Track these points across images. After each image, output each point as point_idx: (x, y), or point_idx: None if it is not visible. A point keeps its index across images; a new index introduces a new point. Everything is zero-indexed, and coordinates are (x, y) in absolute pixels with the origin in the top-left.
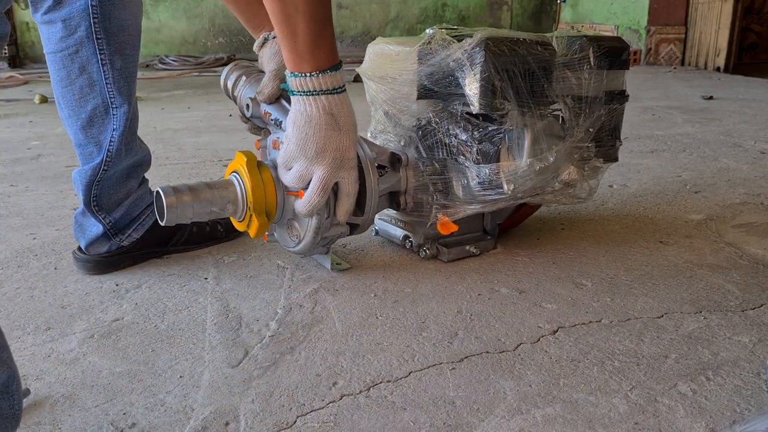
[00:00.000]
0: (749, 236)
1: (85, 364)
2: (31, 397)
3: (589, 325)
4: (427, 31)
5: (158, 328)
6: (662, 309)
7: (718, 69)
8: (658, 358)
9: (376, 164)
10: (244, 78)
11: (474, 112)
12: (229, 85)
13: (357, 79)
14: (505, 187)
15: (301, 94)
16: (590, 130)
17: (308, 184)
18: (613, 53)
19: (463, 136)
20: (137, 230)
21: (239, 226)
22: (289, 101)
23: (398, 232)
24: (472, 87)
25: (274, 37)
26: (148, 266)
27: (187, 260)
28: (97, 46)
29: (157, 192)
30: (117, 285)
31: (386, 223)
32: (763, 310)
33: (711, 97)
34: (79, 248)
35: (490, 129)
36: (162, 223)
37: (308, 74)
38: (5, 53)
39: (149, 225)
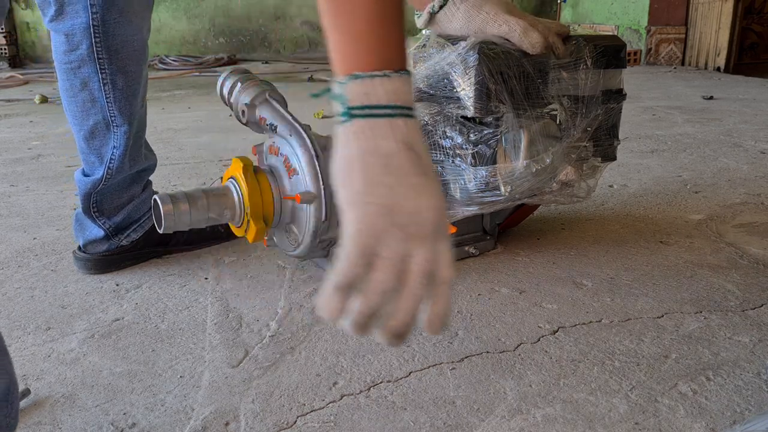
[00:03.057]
0: (749, 236)
1: (85, 364)
2: (31, 397)
3: (590, 325)
4: (424, 31)
5: (158, 328)
6: (662, 309)
7: (718, 69)
8: (658, 358)
9: None
10: (239, 84)
11: (469, 116)
12: (225, 91)
13: None
14: (502, 188)
15: (366, 115)
16: (587, 129)
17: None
18: (610, 52)
19: (459, 139)
20: (136, 231)
21: (237, 232)
22: (281, 103)
23: None
24: (466, 90)
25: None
26: (149, 266)
27: (188, 260)
28: (99, 66)
29: (155, 200)
30: (117, 285)
31: None
32: (763, 310)
33: (711, 97)
34: (79, 247)
35: (485, 132)
36: (160, 231)
37: (375, 73)
38: (5, 53)
39: (149, 226)
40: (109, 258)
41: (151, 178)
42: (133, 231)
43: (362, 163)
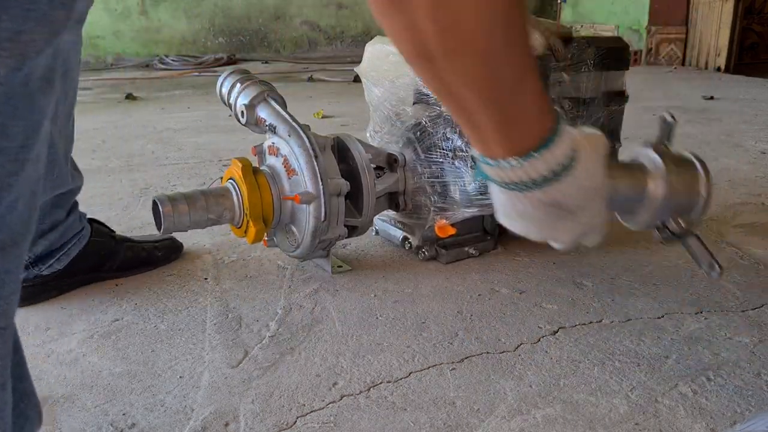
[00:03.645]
0: (750, 236)
1: (84, 365)
2: None
3: (590, 326)
4: None
5: (158, 329)
6: (663, 309)
7: (718, 69)
8: (658, 359)
9: (374, 165)
10: (238, 85)
11: None
12: (224, 92)
13: (357, 79)
14: None
15: (504, 187)
16: None
17: None
18: (612, 54)
19: (459, 142)
20: (60, 260)
21: (237, 233)
22: (280, 103)
23: (398, 233)
24: None
25: None
26: (147, 266)
27: (187, 261)
28: None
29: (154, 201)
30: (117, 285)
31: (386, 223)
32: (763, 311)
33: (711, 97)
34: None
35: None
36: (160, 233)
37: (503, 161)
38: None
39: (74, 254)
40: (29, 290)
41: (153, 177)
42: (56, 261)
43: (504, 207)
